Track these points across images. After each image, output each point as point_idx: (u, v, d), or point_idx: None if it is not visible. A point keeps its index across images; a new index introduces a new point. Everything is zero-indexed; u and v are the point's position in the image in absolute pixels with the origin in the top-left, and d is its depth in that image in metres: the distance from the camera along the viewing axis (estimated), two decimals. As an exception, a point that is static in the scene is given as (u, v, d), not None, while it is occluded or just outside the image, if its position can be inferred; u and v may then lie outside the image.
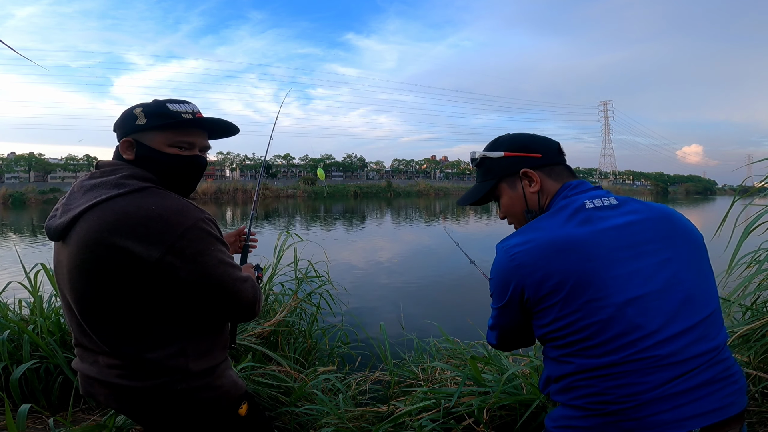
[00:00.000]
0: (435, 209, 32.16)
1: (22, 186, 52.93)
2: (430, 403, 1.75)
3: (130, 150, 1.03)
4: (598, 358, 0.85)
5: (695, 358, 0.84)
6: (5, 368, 2.02)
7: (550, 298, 0.88)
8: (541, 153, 1.04)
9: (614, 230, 0.89)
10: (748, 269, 2.07)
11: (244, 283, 1.01)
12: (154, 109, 1.03)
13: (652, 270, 0.87)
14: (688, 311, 0.86)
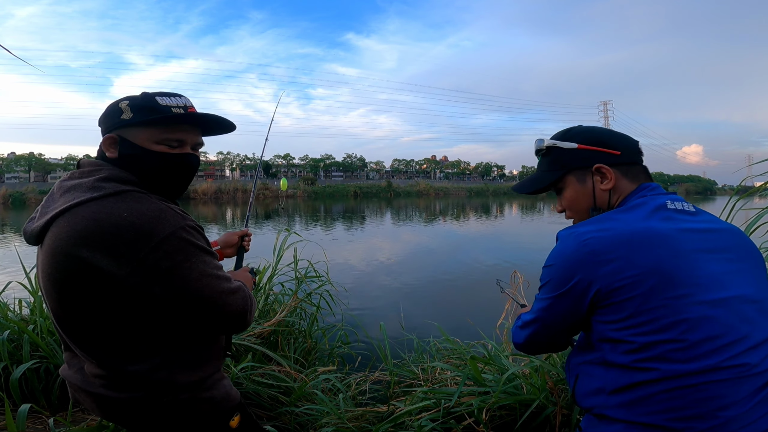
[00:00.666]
0: (435, 209, 32.15)
1: (22, 186, 52.94)
2: (430, 403, 1.75)
3: (113, 147, 0.95)
4: (688, 362, 0.78)
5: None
6: (5, 368, 2.02)
7: (629, 290, 0.81)
8: (621, 150, 1.00)
9: (696, 233, 0.87)
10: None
11: (232, 295, 0.92)
12: (141, 103, 0.95)
13: (732, 276, 0.84)
14: (764, 321, 0.83)
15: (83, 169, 0.94)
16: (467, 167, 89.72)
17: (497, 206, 36.67)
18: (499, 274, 7.97)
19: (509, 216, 26.04)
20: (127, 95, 0.98)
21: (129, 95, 0.98)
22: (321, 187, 59.65)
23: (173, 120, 0.96)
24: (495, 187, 76.70)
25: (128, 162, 0.94)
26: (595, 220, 0.91)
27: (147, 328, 0.89)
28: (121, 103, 0.96)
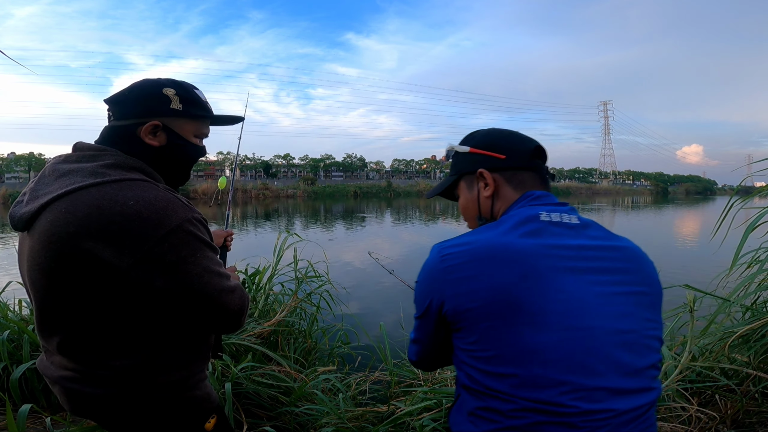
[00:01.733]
0: (435, 209, 32.13)
1: (22, 186, 52.86)
2: (432, 403, 1.75)
3: (156, 135, 0.91)
4: (515, 401, 0.71)
5: (634, 411, 0.71)
6: (5, 368, 2.02)
7: (476, 313, 0.74)
8: (506, 154, 0.90)
9: (568, 249, 0.76)
10: (748, 269, 2.07)
11: (231, 294, 0.89)
12: (188, 95, 0.95)
13: (605, 300, 0.74)
14: (633, 356, 0.73)
15: (83, 152, 0.87)
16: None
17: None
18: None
19: (509, 216, 26.00)
20: (164, 79, 0.95)
21: (166, 79, 0.95)
22: (321, 187, 59.58)
23: (215, 119, 1.03)
24: (495, 187, 76.50)
25: (172, 151, 0.94)
26: (470, 232, 0.84)
27: (136, 323, 0.85)
28: (166, 90, 0.92)
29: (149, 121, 0.90)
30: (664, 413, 1.64)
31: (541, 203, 0.85)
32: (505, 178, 0.90)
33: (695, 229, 17.41)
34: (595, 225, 0.84)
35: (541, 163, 0.92)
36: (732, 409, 1.68)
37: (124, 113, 0.91)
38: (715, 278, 2.09)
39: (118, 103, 0.91)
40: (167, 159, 0.93)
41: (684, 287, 1.79)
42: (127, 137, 0.90)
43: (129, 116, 0.90)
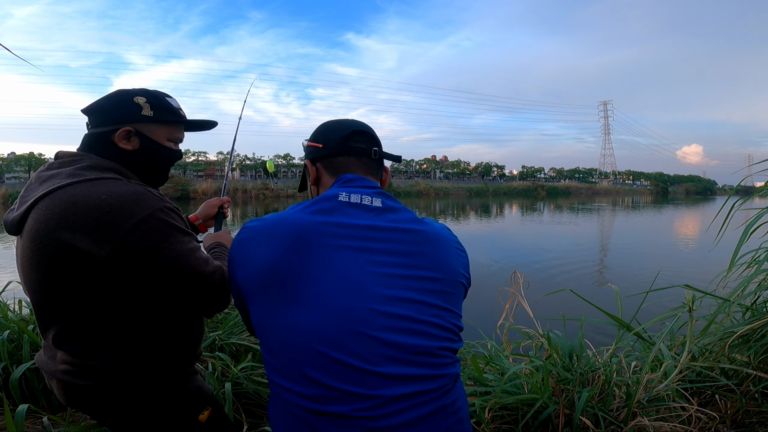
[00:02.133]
0: (435, 209, 32.12)
1: (22, 186, 52.87)
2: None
3: (130, 140, 0.99)
4: (281, 377, 0.72)
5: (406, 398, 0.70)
6: (5, 368, 2.02)
7: (253, 286, 0.75)
8: (323, 143, 0.92)
9: (352, 228, 0.76)
10: (748, 269, 2.07)
11: (210, 276, 0.93)
12: (158, 102, 1.03)
13: (379, 282, 0.73)
14: (406, 340, 0.72)
15: (62, 159, 0.95)
16: (467, 167, 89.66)
17: (497, 206, 36.63)
18: (499, 274, 7.98)
19: (509, 216, 26.02)
20: (136, 89, 1.02)
21: (137, 89, 1.02)
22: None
23: (181, 122, 1.08)
24: (495, 188, 76.64)
25: (144, 155, 1.01)
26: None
27: (122, 313, 0.91)
28: (137, 98, 1.00)
29: (122, 128, 0.98)
30: (664, 413, 1.64)
31: (348, 185, 0.85)
32: (323, 166, 0.93)
33: (695, 229, 17.40)
34: (404, 210, 0.84)
35: (362, 147, 0.92)
36: (732, 409, 1.68)
37: (99, 121, 0.99)
38: (714, 278, 2.09)
39: (93, 112, 1.00)
40: (141, 161, 1.01)
41: (683, 287, 1.79)
42: (102, 143, 0.98)
43: (104, 124, 0.99)
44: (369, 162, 0.93)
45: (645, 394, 1.66)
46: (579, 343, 1.85)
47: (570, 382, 1.67)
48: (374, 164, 0.94)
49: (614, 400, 1.68)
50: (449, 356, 0.77)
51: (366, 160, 0.92)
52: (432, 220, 0.87)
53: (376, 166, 0.94)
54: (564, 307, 2.30)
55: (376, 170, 0.94)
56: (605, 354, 2.01)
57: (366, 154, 0.92)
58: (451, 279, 0.80)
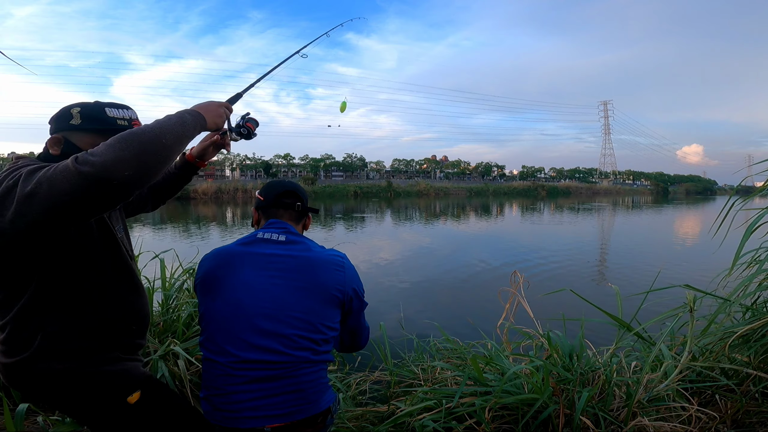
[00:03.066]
0: (435, 209, 32.14)
1: (22, 186, 52.90)
2: (432, 403, 1.75)
3: (57, 146, 1.06)
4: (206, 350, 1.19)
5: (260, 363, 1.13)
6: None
7: (200, 288, 1.23)
8: (264, 197, 1.36)
9: (260, 256, 1.21)
10: (748, 269, 2.06)
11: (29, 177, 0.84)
12: (90, 112, 1.07)
13: (265, 287, 1.17)
14: (270, 324, 1.14)
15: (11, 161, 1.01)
16: (467, 167, 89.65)
17: (497, 206, 36.64)
18: (499, 274, 7.95)
19: (509, 216, 26.03)
20: (80, 102, 1.10)
21: (82, 102, 1.10)
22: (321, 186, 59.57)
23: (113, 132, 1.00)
24: (495, 188, 76.63)
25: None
26: None
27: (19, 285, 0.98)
28: (72, 109, 1.07)
29: (54, 135, 1.07)
30: (664, 413, 1.64)
31: (268, 228, 1.28)
32: (262, 212, 1.38)
33: (695, 229, 17.41)
34: (302, 243, 1.27)
35: (288, 202, 1.36)
36: (732, 409, 1.68)
37: (50, 129, 1.10)
38: (715, 278, 2.09)
39: (48, 122, 1.11)
40: None
41: (684, 287, 1.79)
42: (44, 149, 1.08)
43: (50, 131, 1.09)
44: (292, 213, 1.36)
45: (645, 394, 1.66)
46: (579, 343, 1.85)
47: (570, 382, 1.67)
48: (296, 214, 1.37)
49: (614, 400, 1.67)
50: (301, 342, 1.15)
51: (291, 211, 1.36)
52: (323, 250, 1.29)
53: (297, 215, 1.37)
54: (564, 307, 2.30)
55: (297, 218, 1.37)
56: (605, 354, 2.01)
57: (291, 207, 1.36)
58: (320, 290, 1.19)
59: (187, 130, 0.96)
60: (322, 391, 1.19)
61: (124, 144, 0.82)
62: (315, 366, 1.17)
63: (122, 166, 0.79)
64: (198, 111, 1.05)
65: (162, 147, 0.86)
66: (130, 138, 0.83)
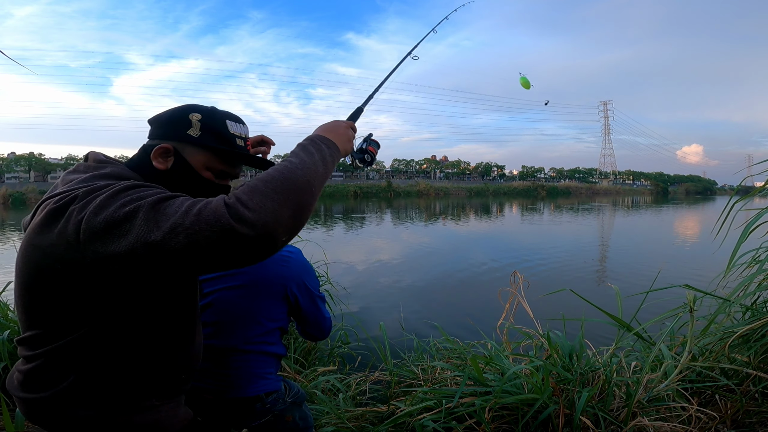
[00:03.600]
0: (435, 209, 32.13)
1: (23, 186, 52.86)
2: (432, 403, 1.75)
3: (165, 159, 0.86)
4: None
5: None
6: (5, 368, 2.02)
7: None
8: None
9: None
10: (748, 269, 2.07)
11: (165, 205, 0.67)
12: (213, 124, 0.89)
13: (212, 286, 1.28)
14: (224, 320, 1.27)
15: (87, 164, 0.85)
16: (467, 167, 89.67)
17: (497, 206, 36.64)
18: (499, 274, 7.94)
19: (509, 216, 26.02)
20: (197, 106, 0.90)
21: (199, 106, 0.91)
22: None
23: (234, 156, 0.92)
24: (495, 188, 76.64)
25: (173, 179, 0.86)
26: None
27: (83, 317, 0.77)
28: (192, 115, 0.88)
29: (162, 144, 0.86)
30: (664, 413, 1.64)
31: None
32: None
33: (695, 229, 17.41)
34: None
35: None
36: (732, 409, 1.68)
37: (151, 133, 0.90)
38: (715, 278, 2.09)
39: (151, 123, 0.91)
40: (168, 186, 0.81)
41: (684, 287, 1.79)
42: (142, 156, 0.88)
43: (152, 137, 0.90)
44: None
45: (645, 394, 1.66)
46: (579, 343, 1.85)
47: (570, 382, 1.67)
48: None
49: (614, 400, 1.68)
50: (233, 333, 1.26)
51: None
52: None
53: None
54: (564, 307, 2.30)
55: None
56: (605, 354, 2.01)
57: None
58: (263, 283, 1.27)
59: (329, 169, 0.81)
60: (253, 379, 1.27)
61: (283, 197, 0.67)
62: (245, 355, 1.27)
63: (282, 228, 0.66)
64: (331, 139, 0.87)
65: (312, 198, 0.72)
66: (287, 188, 0.68)
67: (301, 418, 1.36)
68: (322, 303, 1.42)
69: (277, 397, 1.33)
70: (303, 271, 1.33)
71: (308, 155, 0.78)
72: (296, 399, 1.37)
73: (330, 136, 0.88)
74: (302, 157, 0.77)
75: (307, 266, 1.37)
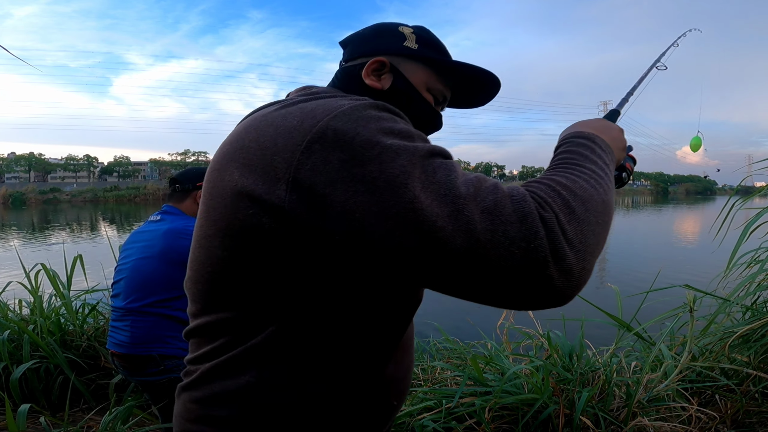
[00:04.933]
0: (435, 209, 32.11)
1: (23, 186, 52.89)
2: (431, 404, 1.75)
3: (384, 76, 0.69)
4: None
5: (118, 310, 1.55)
6: (5, 368, 2.02)
7: None
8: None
9: (138, 233, 1.64)
10: (748, 269, 2.07)
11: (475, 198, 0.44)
12: (426, 36, 0.73)
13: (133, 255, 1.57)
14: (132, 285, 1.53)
15: (295, 93, 0.67)
16: (467, 167, 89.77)
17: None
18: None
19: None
20: (399, 21, 0.76)
21: (401, 22, 0.76)
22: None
23: (455, 69, 0.73)
24: (495, 187, 76.64)
25: (394, 99, 0.67)
26: None
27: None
28: (402, 28, 0.73)
29: (374, 58, 0.69)
30: (664, 413, 1.64)
31: (158, 212, 1.66)
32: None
33: (695, 229, 17.40)
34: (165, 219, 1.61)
35: (171, 188, 1.70)
36: (732, 409, 1.68)
37: (351, 53, 0.74)
38: (715, 278, 2.09)
39: (348, 43, 0.76)
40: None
41: (684, 287, 1.79)
42: (347, 78, 0.71)
43: (356, 56, 0.73)
44: (175, 195, 1.68)
45: (645, 394, 1.66)
46: (579, 343, 1.85)
47: (570, 382, 1.67)
48: (178, 195, 1.67)
49: (614, 400, 1.68)
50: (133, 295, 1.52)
51: (174, 194, 1.68)
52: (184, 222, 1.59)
53: (180, 196, 1.67)
54: (564, 307, 2.30)
55: (180, 199, 1.67)
56: (605, 354, 2.01)
57: (173, 192, 1.69)
58: (162, 256, 1.51)
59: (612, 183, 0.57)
60: (153, 339, 1.46)
61: (603, 233, 0.48)
62: (146, 316, 1.48)
63: (591, 266, 0.46)
64: (609, 145, 0.63)
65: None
66: (606, 219, 0.49)
67: None
68: None
69: (178, 363, 1.45)
70: None
71: (598, 167, 0.55)
72: None
73: (606, 139, 0.64)
74: (606, 171, 0.55)
75: None
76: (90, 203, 45.25)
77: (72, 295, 2.50)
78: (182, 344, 1.45)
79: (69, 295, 2.45)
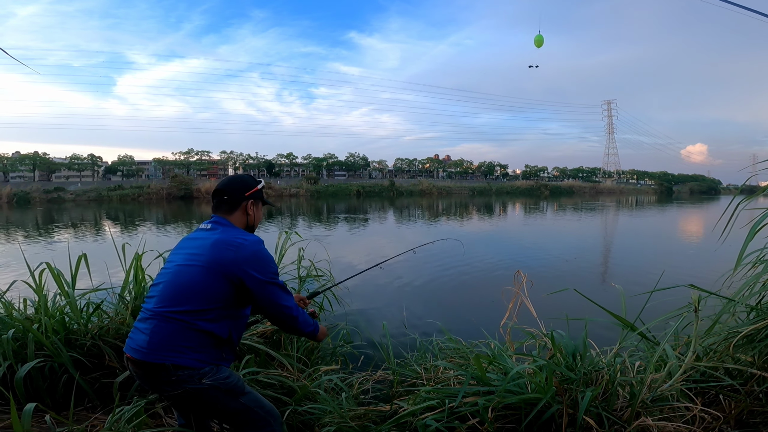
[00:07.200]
0: (438, 208, 32.09)
1: (27, 185, 53.10)
2: (434, 403, 1.75)
3: None
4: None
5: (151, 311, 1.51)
6: (10, 367, 2.03)
7: None
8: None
9: (189, 239, 1.64)
10: (753, 269, 2.05)
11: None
12: None
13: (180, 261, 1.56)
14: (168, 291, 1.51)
15: None
16: (470, 166, 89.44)
17: (500, 206, 36.54)
18: (502, 273, 7.89)
19: (512, 216, 25.96)
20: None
21: None
22: (324, 186, 59.59)
23: None
24: (498, 187, 76.48)
25: None
26: None
27: None
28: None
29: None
30: (667, 413, 1.64)
31: (208, 221, 1.67)
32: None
33: (699, 228, 17.32)
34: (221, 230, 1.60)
35: (216, 200, 1.71)
36: (736, 409, 1.67)
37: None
38: (719, 278, 2.08)
39: None
40: None
41: (689, 287, 1.78)
42: None
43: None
44: (223, 206, 1.69)
45: (649, 394, 1.66)
46: (583, 342, 1.85)
47: (573, 382, 1.66)
48: (227, 207, 1.68)
49: (618, 400, 1.67)
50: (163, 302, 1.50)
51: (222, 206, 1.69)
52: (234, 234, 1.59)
53: (228, 207, 1.69)
54: (567, 306, 2.30)
55: (230, 210, 1.69)
56: (609, 354, 2.00)
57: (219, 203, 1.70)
58: (208, 266, 1.51)
59: None
60: (169, 349, 1.43)
61: None
62: (169, 323, 1.45)
63: None
64: None
65: None
66: None
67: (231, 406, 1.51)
68: (278, 290, 1.55)
69: (192, 374, 1.43)
70: (253, 259, 1.52)
71: None
72: (220, 384, 1.47)
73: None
74: None
75: (258, 253, 1.54)
76: (94, 202, 45.42)
77: (76, 294, 2.50)
78: (197, 356, 1.45)
79: (73, 294, 2.46)
